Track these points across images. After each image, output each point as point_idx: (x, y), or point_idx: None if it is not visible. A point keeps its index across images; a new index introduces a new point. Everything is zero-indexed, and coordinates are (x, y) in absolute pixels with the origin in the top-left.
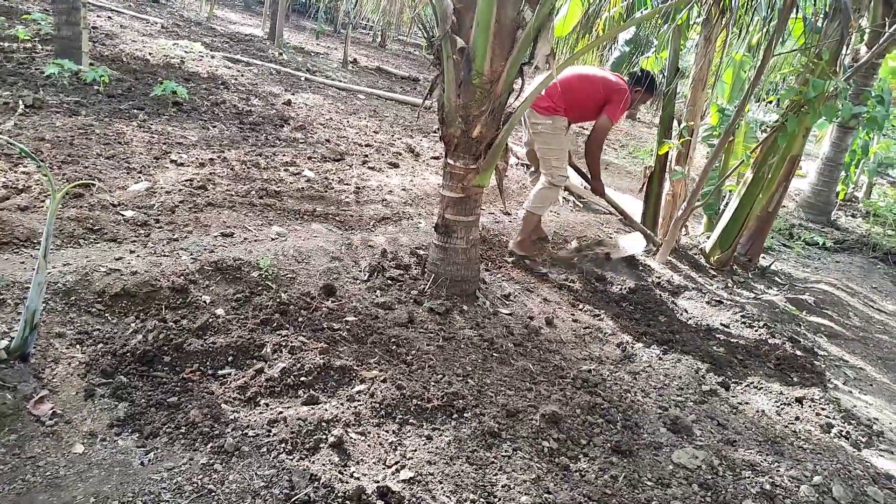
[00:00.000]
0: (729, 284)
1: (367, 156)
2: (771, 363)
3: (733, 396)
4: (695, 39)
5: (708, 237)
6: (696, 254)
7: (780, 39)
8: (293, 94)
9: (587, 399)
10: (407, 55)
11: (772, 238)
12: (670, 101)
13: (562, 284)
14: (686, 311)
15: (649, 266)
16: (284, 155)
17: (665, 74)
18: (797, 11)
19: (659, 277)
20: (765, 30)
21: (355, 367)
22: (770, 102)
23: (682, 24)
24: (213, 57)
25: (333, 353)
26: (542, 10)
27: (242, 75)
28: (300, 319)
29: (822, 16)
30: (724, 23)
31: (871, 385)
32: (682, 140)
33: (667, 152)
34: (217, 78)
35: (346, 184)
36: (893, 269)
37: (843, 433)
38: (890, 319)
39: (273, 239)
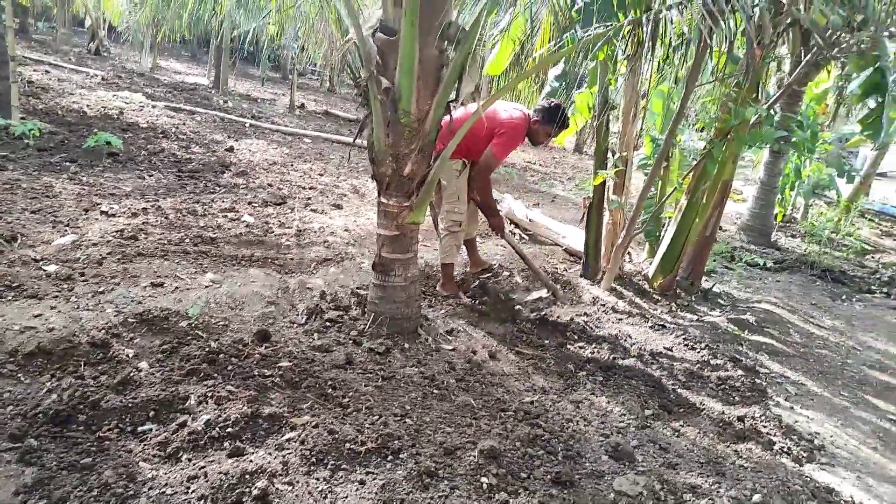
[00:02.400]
0: (672, 308)
1: (310, 198)
2: (713, 383)
3: (675, 419)
4: (625, 74)
5: (650, 263)
6: (639, 280)
7: (702, 70)
8: (236, 141)
9: (527, 431)
10: (356, 98)
11: (714, 261)
12: (603, 133)
13: (505, 318)
14: (630, 337)
15: (594, 294)
16: (223, 201)
17: (596, 108)
18: (711, 44)
19: (604, 305)
20: (685, 63)
21: (286, 415)
22: (701, 130)
23: (607, 58)
24: (154, 107)
25: (263, 400)
26: (464, 50)
27: (184, 124)
28: (229, 368)
29: (735, 47)
30: (645, 57)
31: (812, 400)
32: (616, 170)
33: (604, 183)
34: (157, 127)
35: (288, 227)
36: (831, 286)
37: (785, 449)
38: (829, 334)
39: (206, 287)
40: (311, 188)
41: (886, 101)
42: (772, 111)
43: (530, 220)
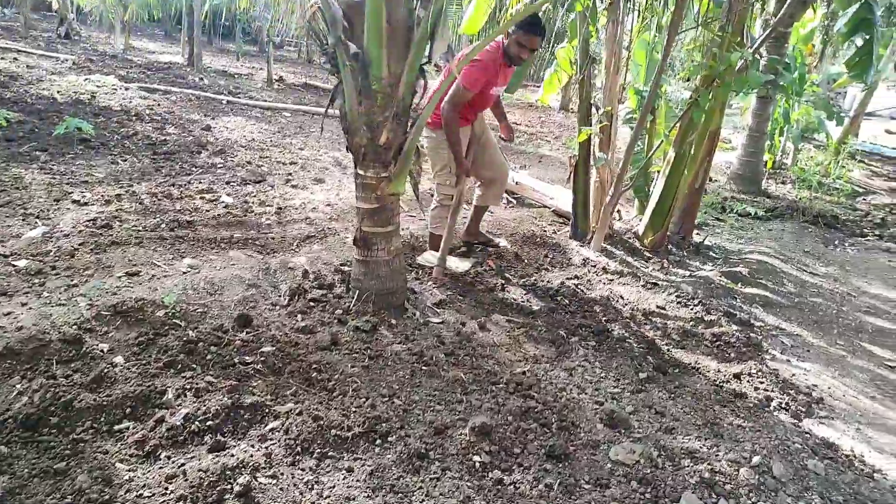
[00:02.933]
0: (664, 265)
1: (290, 174)
2: (707, 340)
3: (670, 381)
4: (605, 25)
5: (640, 220)
6: (630, 238)
7: (685, 15)
8: (213, 119)
9: (520, 404)
10: (324, 66)
11: (705, 213)
12: (586, 88)
13: (494, 285)
14: (622, 298)
15: (584, 255)
16: (200, 182)
17: (578, 63)
18: None
19: (594, 266)
20: (667, 9)
21: (268, 403)
22: (687, 80)
23: (585, 10)
24: (127, 89)
25: (245, 389)
26: (434, 8)
27: (159, 104)
28: (209, 357)
29: None
30: (625, 6)
31: (808, 351)
32: (601, 126)
33: (589, 139)
34: (130, 110)
35: (268, 205)
36: (824, 231)
37: (783, 405)
38: (823, 281)
39: (184, 272)
40: (291, 163)
41: (875, 37)
42: (757, 55)
43: (517, 183)
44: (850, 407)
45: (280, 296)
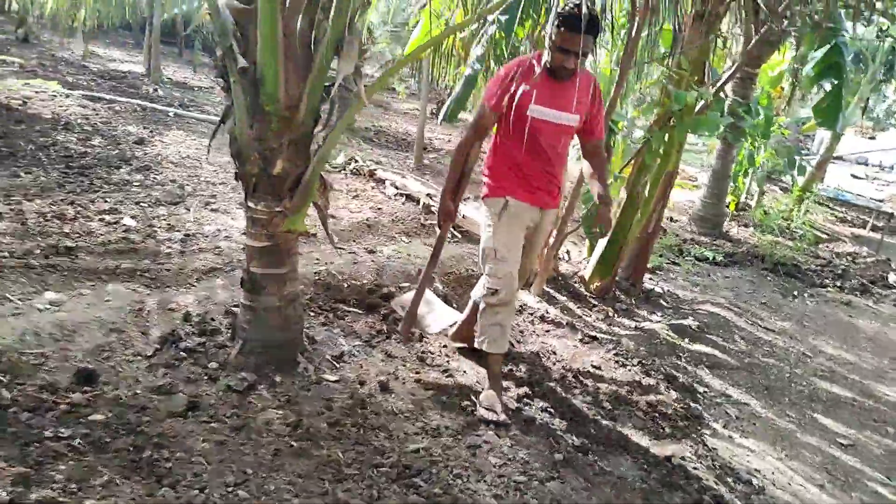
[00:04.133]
0: (610, 314)
1: (214, 196)
2: (641, 411)
3: (592, 463)
4: None
5: (589, 262)
6: (576, 282)
7: (642, 49)
8: (151, 133)
9: (399, 500)
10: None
11: (661, 256)
12: None
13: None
14: (554, 354)
15: (522, 301)
16: (106, 201)
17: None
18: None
19: (532, 314)
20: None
21: (60, 499)
22: (638, 117)
23: (536, 39)
24: (68, 96)
25: (39, 479)
26: (338, 21)
27: (97, 114)
28: (12, 429)
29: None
30: None
31: (754, 424)
32: None
33: None
34: (61, 119)
35: (176, 231)
36: (783, 280)
37: (716, 499)
38: (777, 338)
39: (42, 310)
40: (221, 184)
41: (843, 83)
42: (723, 95)
43: (463, 217)
44: (795, 499)
45: (148, 343)
